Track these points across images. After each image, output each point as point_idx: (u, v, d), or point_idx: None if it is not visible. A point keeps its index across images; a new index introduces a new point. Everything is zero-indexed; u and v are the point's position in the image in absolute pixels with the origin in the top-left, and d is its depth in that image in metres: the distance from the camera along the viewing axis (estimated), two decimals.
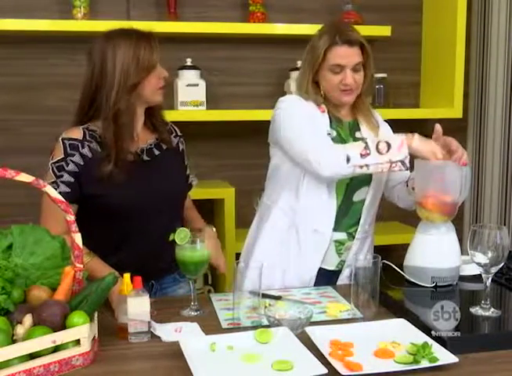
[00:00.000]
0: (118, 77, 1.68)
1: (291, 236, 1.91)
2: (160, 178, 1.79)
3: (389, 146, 1.69)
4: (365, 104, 1.94)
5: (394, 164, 1.69)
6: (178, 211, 1.89)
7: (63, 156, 1.69)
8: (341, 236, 1.90)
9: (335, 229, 1.89)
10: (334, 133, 1.87)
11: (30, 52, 2.67)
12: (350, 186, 1.87)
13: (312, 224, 1.88)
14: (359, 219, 1.91)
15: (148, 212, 1.76)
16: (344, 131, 1.90)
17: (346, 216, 1.89)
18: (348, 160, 1.70)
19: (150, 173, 1.77)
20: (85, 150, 1.71)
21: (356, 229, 1.91)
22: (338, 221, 1.88)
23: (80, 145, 1.71)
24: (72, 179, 1.69)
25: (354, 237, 1.91)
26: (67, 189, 1.69)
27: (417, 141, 1.71)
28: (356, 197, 1.89)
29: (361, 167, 1.70)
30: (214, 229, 1.89)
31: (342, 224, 1.89)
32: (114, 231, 1.75)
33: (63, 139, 1.71)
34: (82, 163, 1.70)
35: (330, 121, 1.88)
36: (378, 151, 1.69)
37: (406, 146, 1.69)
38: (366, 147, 1.70)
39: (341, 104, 1.89)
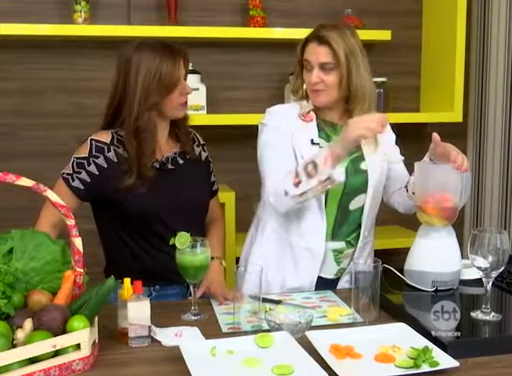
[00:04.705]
0: (139, 94, 1.66)
1: (286, 252, 1.88)
2: (182, 186, 1.79)
3: (315, 165, 1.62)
4: (362, 110, 1.79)
5: (324, 184, 1.64)
6: (199, 219, 1.89)
7: (86, 155, 1.71)
8: (340, 245, 1.87)
9: (333, 239, 1.85)
10: (324, 142, 1.81)
11: (30, 56, 2.67)
12: (344, 196, 1.82)
13: (305, 243, 1.84)
14: (358, 226, 1.88)
15: (169, 220, 1.76)
16: (338, 135, 1.78)
17: (344, 225, 1.86)
18: (287, 193, 1.67)
19: (173, 182, 1.78)
20: (111, 154, 1.72)
21: (355, 236, 1.88)
22: (335, 231, 1.85)
23: (106, 148, 1.72)
24: (89, 179, 1.71)
25: (352, 245, 1.88)
26: (81, 186, 1.71)
27: (339, 143, 1.64)
28: (353, 206, 1.84)
29: (300, 195, 1.67)
30: (224, 263, 1.87)
31: (340, 233, 1.86)
32: (137, 237, 1.76)
33: (91, 140, 1.72)
34: (106, 166, 1.71)
35: (319, 129, 1.83)
36: (308, 175, 1.64)
37: (330, 159, 1.61)
38: (297, 175, 1.65)
39: (316, 105, 1.83)
